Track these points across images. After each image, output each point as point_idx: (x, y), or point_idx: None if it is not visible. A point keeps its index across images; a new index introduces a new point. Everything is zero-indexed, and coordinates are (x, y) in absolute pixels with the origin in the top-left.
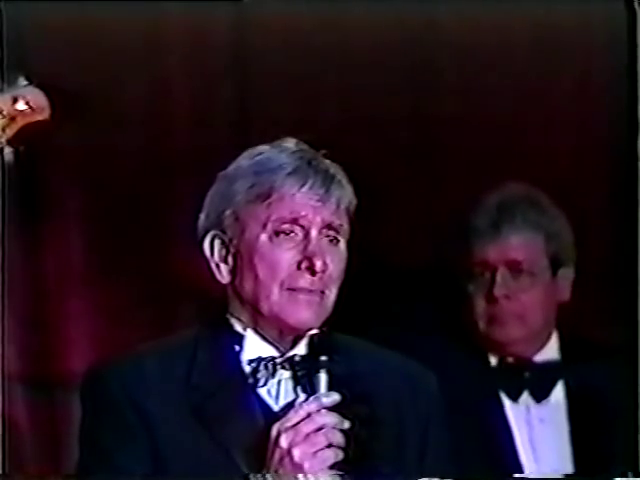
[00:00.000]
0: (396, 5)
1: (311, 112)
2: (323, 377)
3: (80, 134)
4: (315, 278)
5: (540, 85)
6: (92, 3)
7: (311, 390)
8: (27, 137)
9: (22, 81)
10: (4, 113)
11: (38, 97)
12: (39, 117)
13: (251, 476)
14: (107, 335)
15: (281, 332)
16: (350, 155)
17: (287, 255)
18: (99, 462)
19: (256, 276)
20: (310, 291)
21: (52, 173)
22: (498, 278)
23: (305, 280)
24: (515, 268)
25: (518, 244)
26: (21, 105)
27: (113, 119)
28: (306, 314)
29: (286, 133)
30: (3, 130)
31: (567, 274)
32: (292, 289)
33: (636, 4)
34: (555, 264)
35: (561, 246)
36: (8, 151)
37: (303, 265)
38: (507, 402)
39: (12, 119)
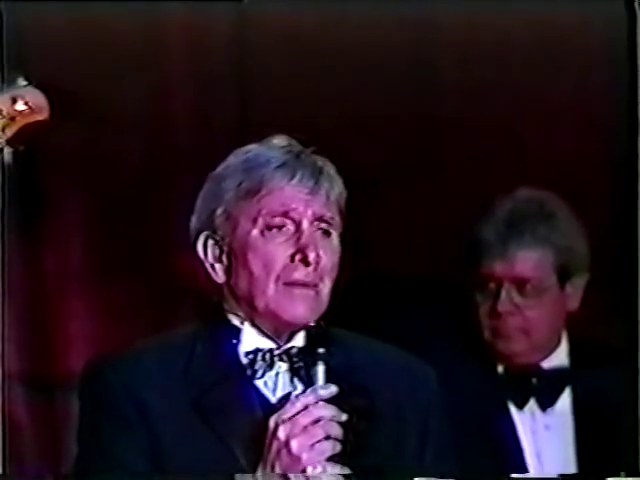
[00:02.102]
0: (396, 5)
1: (311, 112)
2: (321, 369)
3: (79, 134)
4: (309, 269)
5: (540, 85)
6: (92, 3)
7: (308, 382)
8: (26, 137)
9: (21, 81)
10: (3, 113)
11: (37, 97)
12: (38, 117)
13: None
14: (107, 335)
15: (277, 327)
16: (350, 155)
17: (280, 248)
18: (98, 456)
19: (251, 272)
20: (305, 285)
21: (52, 173)
22: (502, 294)
23: (300, 272)
24: (521, 284)
25: (525, 261)
26: (20, 105)
27: (112, 119)
28: (301, 309)
29: (286, 133)
30: (2, 130)
31: (577, 284)
32: (288, 283)
33: (636, 4)
34: (563, 276)
35: (572, 258)
36: (7, 151)
37: (297, 257)
38: (513, 409)
39: (11, 119)
